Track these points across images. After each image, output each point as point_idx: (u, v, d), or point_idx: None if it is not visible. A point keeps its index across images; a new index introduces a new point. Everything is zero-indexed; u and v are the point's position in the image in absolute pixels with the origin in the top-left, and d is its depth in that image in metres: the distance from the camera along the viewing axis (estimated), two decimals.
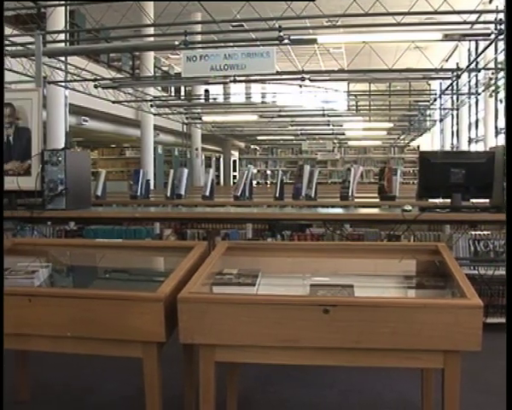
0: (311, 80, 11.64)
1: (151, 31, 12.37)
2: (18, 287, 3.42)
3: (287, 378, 4.51)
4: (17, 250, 4.33)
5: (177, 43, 7.06)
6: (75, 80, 11.68)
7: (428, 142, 32.53)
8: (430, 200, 5.01)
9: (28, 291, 3.25)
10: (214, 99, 22.08)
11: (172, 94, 22.23)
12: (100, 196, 7.98)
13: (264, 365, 3.14)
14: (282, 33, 7.37)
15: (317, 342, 2.81)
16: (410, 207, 4.54)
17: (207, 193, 7.51)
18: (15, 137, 5.05)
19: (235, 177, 30.26)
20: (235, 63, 6.41)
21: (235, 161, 32.21)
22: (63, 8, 11.37)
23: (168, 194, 8.02)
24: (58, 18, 11.43)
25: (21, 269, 3.85)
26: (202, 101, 20.91)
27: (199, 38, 11.12)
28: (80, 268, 4.53)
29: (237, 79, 11.54)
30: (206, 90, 21.83)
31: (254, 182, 7.88)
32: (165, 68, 24.17)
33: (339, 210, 5.67)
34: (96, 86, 11.76)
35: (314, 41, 8.46)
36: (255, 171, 25.00)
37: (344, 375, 4.48)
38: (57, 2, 10.54)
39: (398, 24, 7.84)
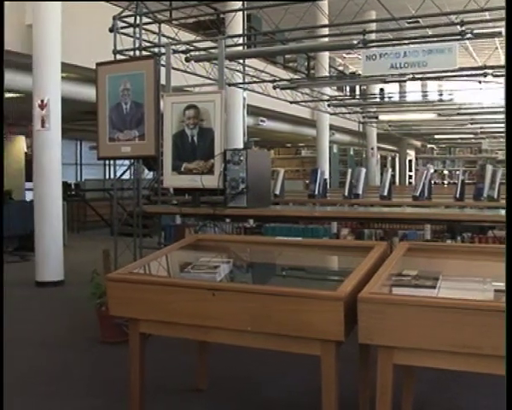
0: (493, 76, 11.12)
1: (326, 31, 12.41)
2: (203, 281, 3.58)
3: (467, 386, 4.37)
4: (199, 246, 4.53)
5: (355, 42, 7.02)
6: (254, 82, 11.94)
7: None
8: None
9: (212, 285, 3.38)
10: (390, 98, 21.73)
11: (347, 93, 22.17)
12: (278, 194, 8.10)
13: (441, 369, 3.05)
14: (463, 28, 7.10)
15: (502, 350, 2.68)
16: None
17: (385, 193, 7.40)
18: (199, 137, 5.29)
19: (410, 177, 29.67)
20: (416, 61, 6.28)
21: (410, 161, 31.56)
22: (241, 12, 11.73)
23: (346, 193, 7.99)
24: (236, 22, 11.82)
25: (204, 264, 4.03)
26: (378, 100, 20.67)
27: (373, 36, 11.00)
28: (259, 265, 4.65)
29: (415, 76, 11.26)
30: (381, 89, 21.57)
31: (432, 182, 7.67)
32: (340, 68, 24.17)
33: None
34: (274, 87, 11.96)
35: (499, 34, 8.05)
36: (432, 170, 24.34)
37: None
38: (237, 7, 10.86)
39: None
